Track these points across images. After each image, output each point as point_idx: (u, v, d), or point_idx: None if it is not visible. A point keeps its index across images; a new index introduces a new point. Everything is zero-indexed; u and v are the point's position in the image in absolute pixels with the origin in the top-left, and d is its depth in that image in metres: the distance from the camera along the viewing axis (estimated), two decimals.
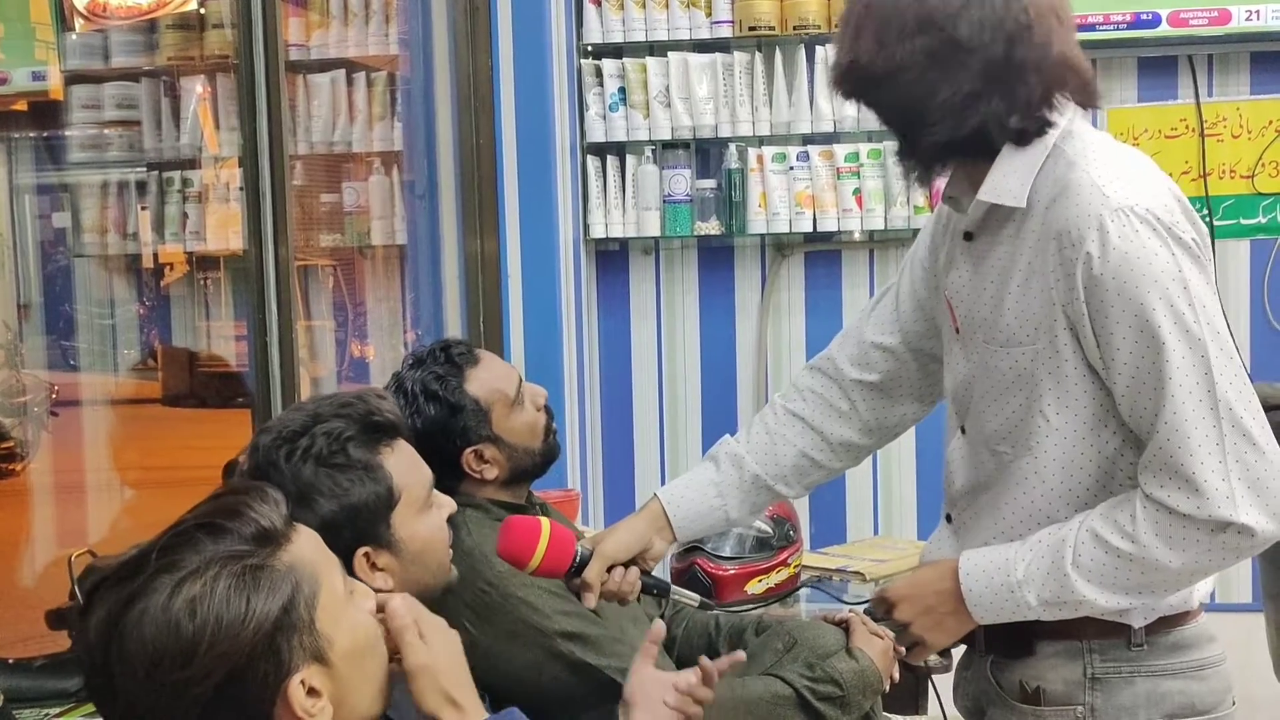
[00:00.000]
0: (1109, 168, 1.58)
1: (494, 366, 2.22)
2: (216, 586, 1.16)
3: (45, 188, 5.24)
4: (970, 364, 1.69)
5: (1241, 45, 4.01)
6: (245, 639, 1.16)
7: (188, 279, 5.18)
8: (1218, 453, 1.51)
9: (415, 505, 1.66)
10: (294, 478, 1.60)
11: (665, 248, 4.28)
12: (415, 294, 4.05)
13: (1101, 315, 1.53)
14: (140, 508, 4.63)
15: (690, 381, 4.31)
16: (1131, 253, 1.51)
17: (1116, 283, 1.52)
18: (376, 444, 1.64)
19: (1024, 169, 1.61)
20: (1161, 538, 1.54)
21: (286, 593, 1.20)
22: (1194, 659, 1.67)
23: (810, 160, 4.06)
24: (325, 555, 1.28)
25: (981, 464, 1.70)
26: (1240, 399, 1.52)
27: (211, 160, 4.20)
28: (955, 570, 1.66)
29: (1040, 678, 1.68)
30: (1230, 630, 2.18)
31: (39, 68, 4.56)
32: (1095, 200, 1.54)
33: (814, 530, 3.91)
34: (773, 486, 1.87)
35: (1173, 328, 1.51)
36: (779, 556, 2.78)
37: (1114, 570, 1.56)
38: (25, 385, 4.98)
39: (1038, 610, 1.61)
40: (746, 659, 2.20)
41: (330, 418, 1.64)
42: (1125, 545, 1.55)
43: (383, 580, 1.62)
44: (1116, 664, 1.65)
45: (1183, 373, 1.51)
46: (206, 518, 1.23)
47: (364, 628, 1.29)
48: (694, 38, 4.10)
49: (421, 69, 3.87)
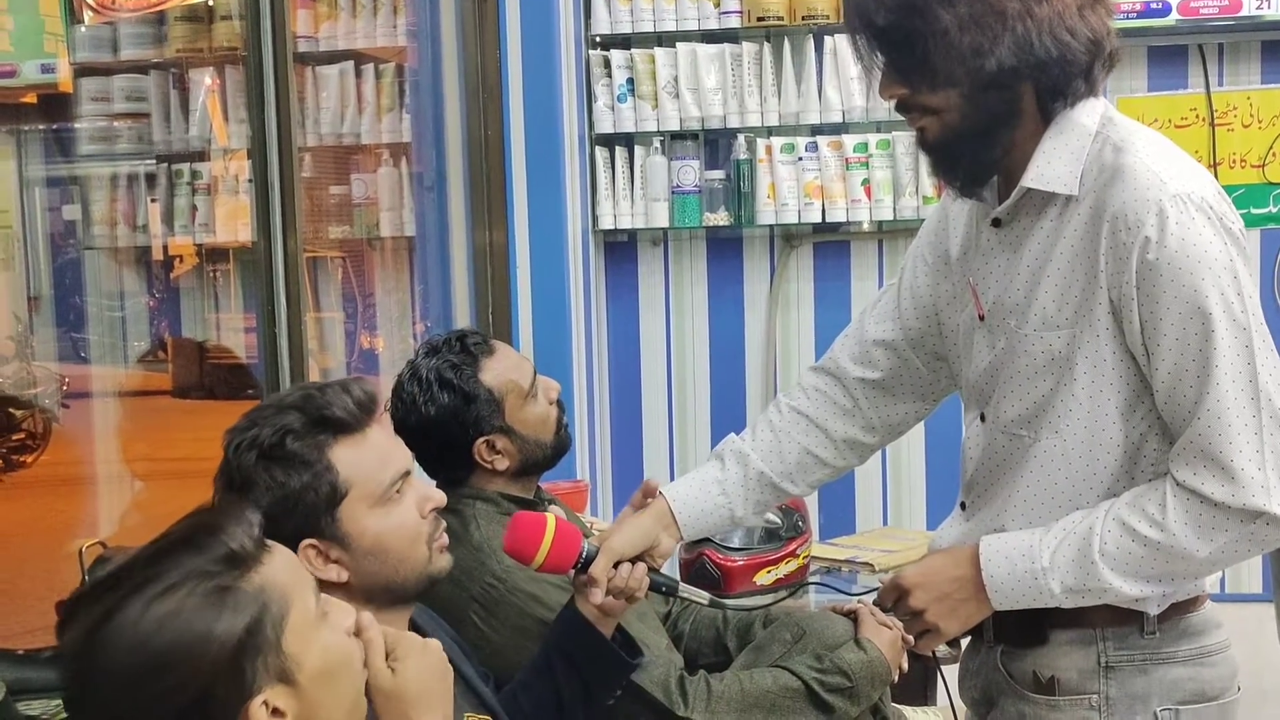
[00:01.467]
0: (1161, 155, 1.59)
1: (509, 357, 2.22)
2: (185, 606, 1.17)
3: (55, 180, 5.25)
4: (995, 350, 1.69)
5: (1252, 34, 3.99)
6: (209, 659, 1.17)
7: (197, 271, 5.19)
8: (1255, 441, 1.52)
9: (370, 499, 1.63)
10: (239, 468, 1.61)
11: (674, 239, 4.28)
12: (424, 285, 4.06)
13: (1152, 300, 1.54)
14: (150, 499, 4.64)
15: (699, 372, 4.31)
16: (1189, 239, 1.52)
17: (1171, 269, 1.52)
18: (319, 439, 1.62)
19: (1069, 156, 1.61)
20: (1191, 525, 1.55)
21: (253, 613, 1.20)
22: (1203, 645, 1.68)
23: (819, 151, 4.05)
24: (298, 576, 1.28)
25: (999, 449, 1.70)
26: (1279, 389, 1.54)
27: (220, 152, 4.20)
28: (973, 556, 1.66)
29: (1054, 666, 1.68)
30: (1240, 620, 2.18)
31: (48, 60, 4.56)
32: (1154, 185, 1.55)
33: (823, 521, 3.91)
34: (778, 484, 1.87)
35: (1222, 315, 1.52)
36: (788, 547, 2.78)
37: (1140, 559, 1.57)
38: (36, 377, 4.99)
39: (1060, 598, 1.61)
40: (754, 651, 2.21)
41: (289, 409, 1.63)
42: (1154, 533, 1.56)
43: (335, 573, 1.61)
44: (1130, 652, 1.66)
45: (1228, 361, 1.53)
46: (180, 537, 1.24)
47: (336, 649, 1.28)
48: (702, 28, 4.10)
49: (430, 60, 3.87)
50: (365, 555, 1.62)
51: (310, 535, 1.60)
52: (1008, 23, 1.54)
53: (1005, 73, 1.56)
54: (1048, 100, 1.61)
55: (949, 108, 1.60)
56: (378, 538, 1.63)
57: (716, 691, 2.05)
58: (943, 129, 1.62)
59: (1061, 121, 1.62)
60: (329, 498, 1.60)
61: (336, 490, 1.61)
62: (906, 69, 1.60)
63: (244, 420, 1.66)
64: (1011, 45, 1.55)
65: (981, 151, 1.63)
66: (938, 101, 1.60)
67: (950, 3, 1.54)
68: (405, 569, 1.66)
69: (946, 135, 1.62)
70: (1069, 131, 1.61)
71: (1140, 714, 1.66)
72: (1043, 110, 1.62)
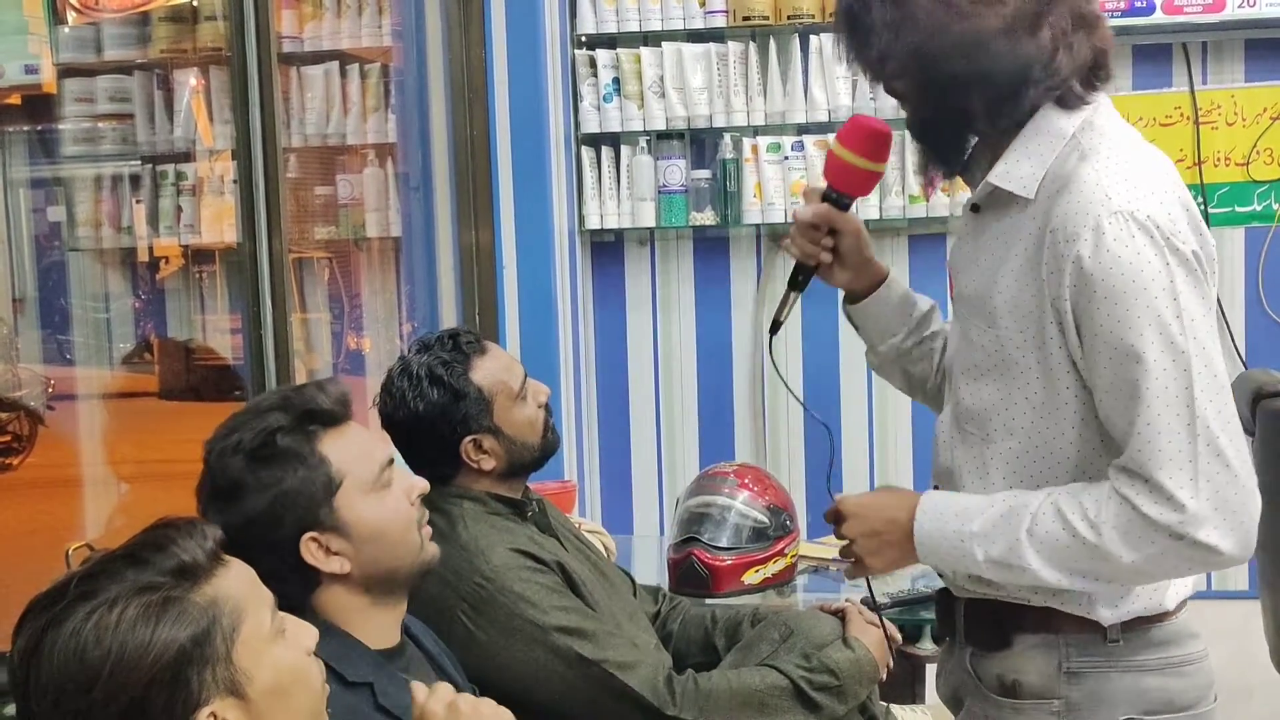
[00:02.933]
0: (1120, 168, 1.56)
1: (500, 358, 2.22)
2: (124, 616, 1.18)
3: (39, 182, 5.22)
4: (956, 339, 1.70)
5: (1236, 32, 4.01)
6: (145, 668, 1.17)
7: (183, 272, 5.17)
8: (1190, 469, 1.49)
9: (363, 487, 1.65)
10: (223, 473, 1.61)
11: (660, 238, 4.28)
12: (411, 286, 4.05)
13: (1087, 316, 1.52)
14: (137, 501, 4.62)
15: (686, 372, 4.31)
16: (1124, 257, 1.50)
17: (1105, 286, 1.50)
18: (308, 431, 1.64)
19: (1037, 157, 1.60)
20: (1120, 531, 1.52)
21: (201, 625, 1.21)
22: (1174, 655, 1.66)
23: (805, 150, 4.06)
24: (255, 592, 1.29)
25: (957, 444, 1.70)
26: (1219, 419, 1.50)
27: (205, 153, 4.19)
28: (913, 505, 1.66)
29: (1017, 670, 1.68)
30: (1227, 617, 2.19)
31: (32, 61, 4.54)
32: (1096, 199, 1.52)
33: (810, 520, 3.91)
34: None
35: (1156, 338, 1.49)
36: (776, 546, 2.79)
37: (1066, 549, 1.55)
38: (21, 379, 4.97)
39: (982, 567, 1.60)
40: (743, 650, 2.22)
41: (269, 410, 1.65)
42: (1084, 529, 1.54)
43: (339, 564, 1.63)
44: (1092, 658, 1.64)
45: (1162, 384, 1.49)
46: (131, 549, 1.25)
47: (291, 666, 1.29)
48: (688, 27, 4.10)
49: (415, 60, 3.87)
50: (365, 543, 1.64)
51: (310, 528, 1.61)
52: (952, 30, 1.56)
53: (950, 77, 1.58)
54: (997, 107, 1.60)
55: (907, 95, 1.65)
56: (375, 524, 1.65)
57: (704, 690, 2.05)
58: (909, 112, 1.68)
59: (1038, 122, 1.61)
60: (326, 488, 1.62)
61: (332, 480, 1.63)
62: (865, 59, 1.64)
63: (222, 428, 1.67)
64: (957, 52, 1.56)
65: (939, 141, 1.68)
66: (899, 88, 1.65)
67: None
68: (403, 555, 1.68)
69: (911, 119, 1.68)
70: (1043, 134, 1.60)
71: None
72: (991, 117, 1.62)
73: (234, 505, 1.59)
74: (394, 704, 1.59)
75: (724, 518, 2.76)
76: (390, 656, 1.67)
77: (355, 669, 1.59)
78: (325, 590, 1.64)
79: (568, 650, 2.01)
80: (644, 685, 2.02)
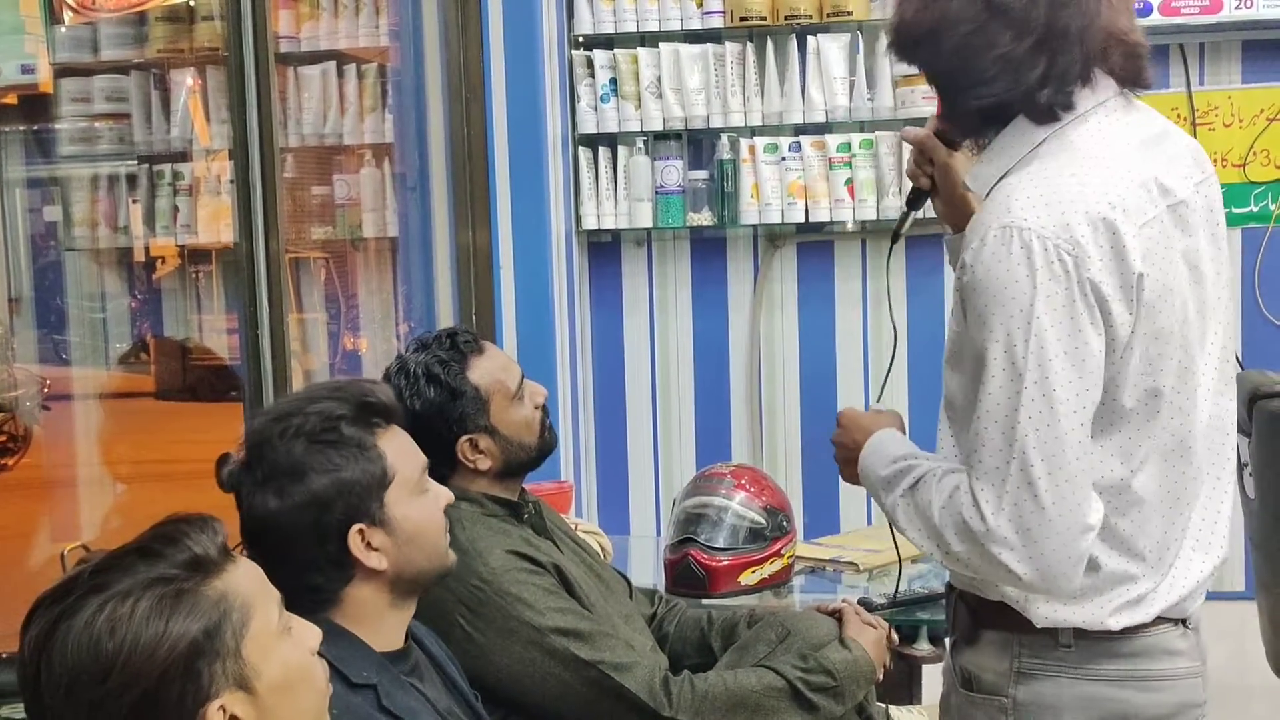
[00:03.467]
0: (1043, 182, 1.54)
1: (497, 358, 2.22)
2: (138, 608, 1.20)
3: (35, 181, 5.21)
4: None
5: (1233, 34, 4.01)
6: (159, 659, 1.18)
7: (179, 272, 5.17)
8: (999, 488, 1.52)
9: (408, 488, 1.68)
10: (287, 454, 1.62)
11: (657, 239, 4.28)
12: (407, 286, 4.05)
13: (966, 321, 1.57)
14: (133, 502, 4.61)
15: (683, 372, 4.31)
16: (994, 270, 1.51)
17: (973, 294, 1.53)
18: (370, 424, 1.67)
19: (999, 161, 1.63)
20: (952, 520, 1.57)
21: (212, 618, 1.22)
22: (1139, 669, 1.63)
23: (802, 150, 4.06)
24: (264, 588, 1.30)
25: (944, 427, 1.73)
26: (1040, 448, 1.50)
27: (202, 153, 4.19)
28: (873, 434, 1.74)
29: (977, 665, 1.70)
30: (1223, 619, 2.18)
31: (28, 61, 4.54)
32: (998, 211, 1.54)
33: (807, 521, 3.91)
34: None
35: (1001, 355, 1.50)
36: (772, 547, 2.78)
37: (920, 519, 1.61)
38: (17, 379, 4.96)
39: (884, 504, 1.68)
40: (739, 651, 2.21)
41: (324, 399, 1.67)
42: (935, 507, 1.58)
43: (377, 560, 1.64)
44: (1043, 661, 1.65)
45: (994, 400, 1.52)
46: (143, 543, 1.26)
47: (298, 663, 1.30)
48: (685, 28, 4.10)
49: (412, 61, 3.86)
50: (405, 542, 1.66)
51: (360, 520, 1.63)
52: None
53: None
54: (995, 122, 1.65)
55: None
56: (418, 525, 1.68)
57: (701, 692, 2.05)
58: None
59: (1014, 126, 1.62)
60: (379, 481, 1.65)
61: (385, 474, 1.65)
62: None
63: (271, 413, 1.69)
64: None
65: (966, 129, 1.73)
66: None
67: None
68: (432, 559, 1.72)
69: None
70: (1014, 138, 1.62)
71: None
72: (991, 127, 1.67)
73: (294, 485, 1.61)
74: (397, 706, 1.60)
75: (721, 518, 2.76)
76: (395, 660, 1.67)
77: (360, 670, 1.59)
78: (355, 586, 1.65)
79: (564, 652, 2.01)
80: (640, 686, 2.02)
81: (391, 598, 1.67)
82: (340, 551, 1.62)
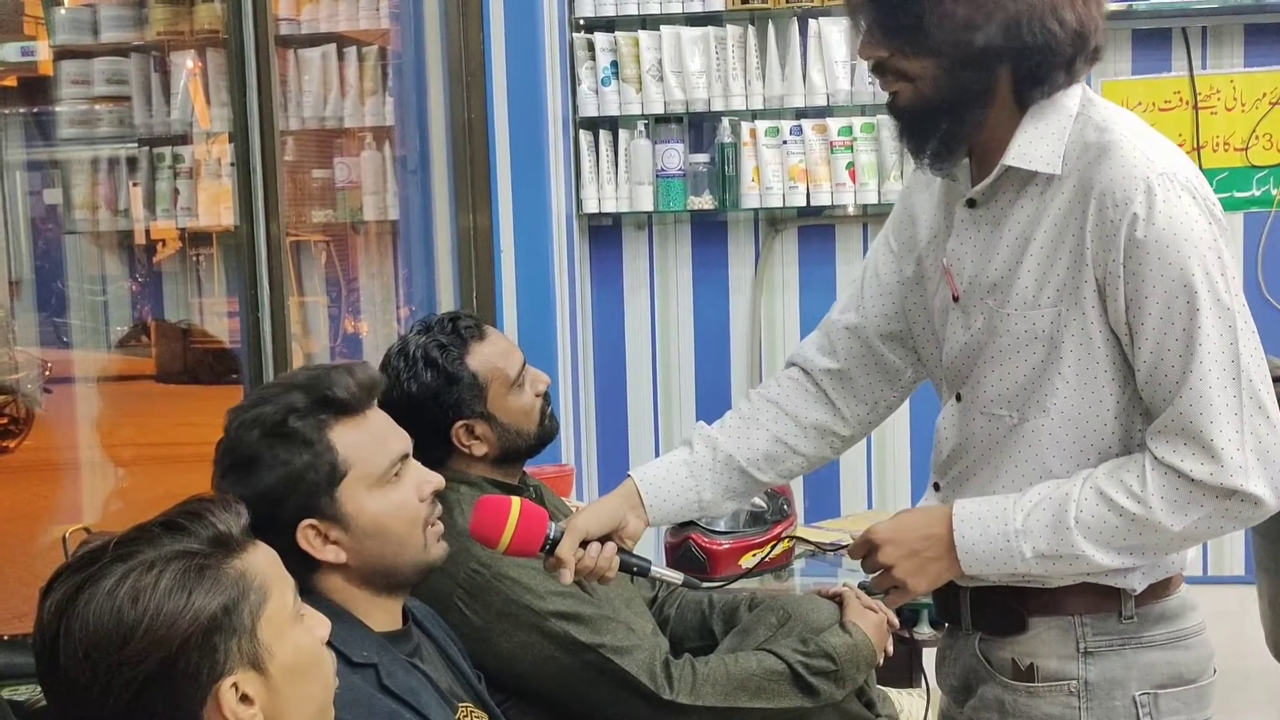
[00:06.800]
0: (1146, 135, 1.60)
1: (498, 344, 2.21)
2: (162, 579, 1.21)
3: (36, 164, 5.21)
4: (972, 330, 1.69)
5: (1236, 17, 4.00)
6: (180, 630, 1.20)
7: (180, 255, 5.17)
8: (1235, 422, 1.53)
9: (367, 481, 1.64)
10: (244, 445, 1.63)
11: (658, 222, 4.27)
12: (408, 269, 4.05)
13: (1138, 278, 1.54)
14: (134, 485, 4.62)
15: (684, 356, 4.31)
16: (1176, 217, 1.53)
17: (1159, 246, 1.53)
18: (321, 419, 1.64)
19: (1051, 136, 1.61)
20: (1168, 500, 1.55)
21: (232, 595, 1.24)
22: (1178, 629, 1.68)
23: (803, 134, 4.05)
24: (280, 573, 1.32)
25: (977, 429, 1.70)
26: (1259, 372, 1.55)
27: (203, 136, 4.18)
28: (946, 516, 1.65)
29: (1033, 654, 1.68)
30: (1223, 602, 2.19)
31: (28, 43, 4.53)
32: (1141, 163, 1.55)
33: (808, 504, 3.92)
34: (746, 470, 1.86)
35: (1207, 295, 1.53)
36: (773, 531, 2.79)
37: (1115, 529, 1.58)
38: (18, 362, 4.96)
39: (1031, 563, 1.61)
40: (740, 634, 2.22)
41: (294, 388, 1.65)
42: (1130, 505, 1.56)
43: (333, 554, 1.62)
44: (1108, 637, 1.66)
45: (1212, 340, 1.53)
46: (169, 518, 1.28)
47: (309, 650, 1.31)
48: (686, 11, 4.09)
49: (413, 43, 3.85)
50: (365, 536, 1.64)
51: (310, 515, 1.62)
52: (1002, 1, 1.54)
53: (989, 51, 1.56)
54: (1026, 87, 1.60)
55: (924, 76, 1.60)
56: (376, 518, 1.65)
57: (701, 675, 2.05)
58: (915, 97, 1.62)
59: (1043, 103, 1.62)
60: (329, 477, 1.62)
61: (335, 469, 1.63)
62: (894, 30, 1.59)
63: (250, 398, 1.69)
64: (1002, 23, 1.55)
65: (950, 126, 1.62)
66: (915, 68, 1.60)
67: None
68: (404, 553, 1.67)
69: (917, 104, 1.62)
70: (1050, 112, 1.61)
71: (1119, 698, 1.66)
72: (1018, 96, 1.61)
73: (248, 478, 1.60)
74: (398, 686, 1.60)
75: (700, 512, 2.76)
76: (395, 640, 1.67)
77: (360, 650, 1.59)
78: (323, 576, 1.64)
79: (564, 635, 2.01)
80: (641, 670, 2.02)
81: (369, 590, 1.66)
82: (295, 544, 1.61)
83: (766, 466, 1.86)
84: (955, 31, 1.55)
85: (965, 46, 1.56)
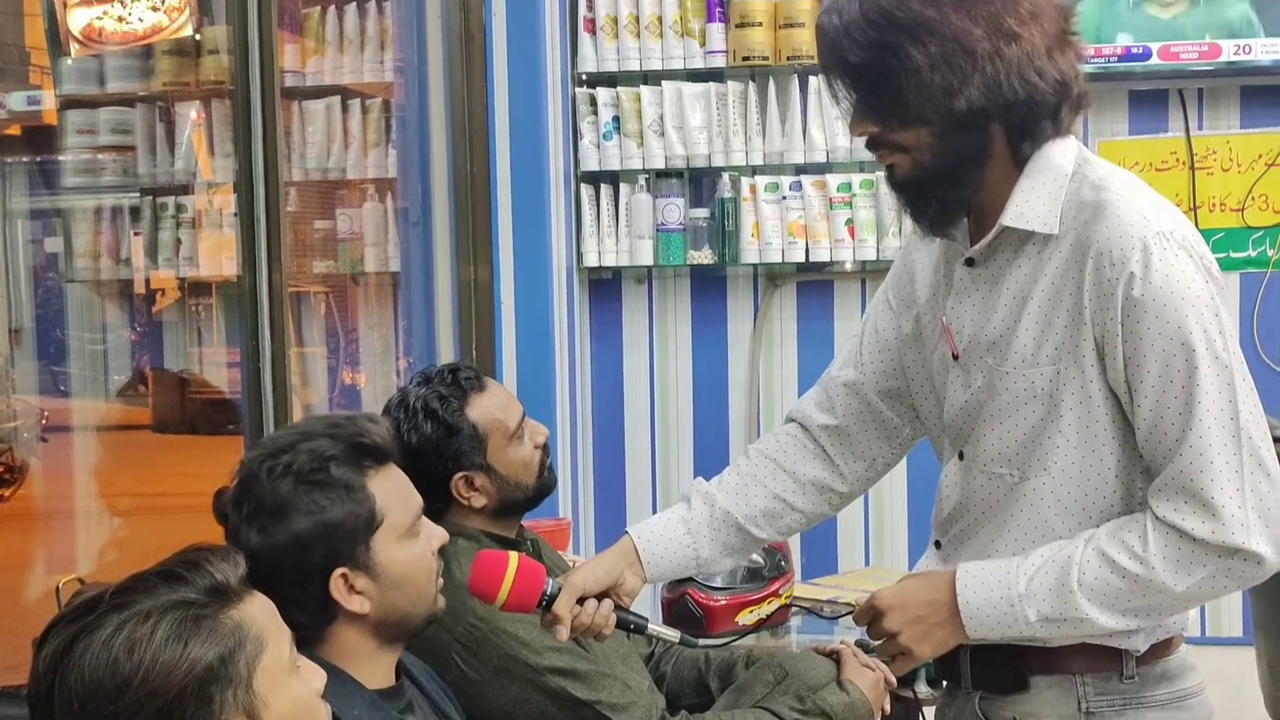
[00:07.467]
0: (1142, 193, 1.61)
1: (498, 396, 2.22)
2: (158, 629, 1.21)
3: (39, 212, 5.23)
4: (972, 389, 1.69)
5: (1232, 79, 4.03)
6: (175, 681, 1.20)
7: (180, 305, 5.18)
8: (1236, 480, 1.54)
9: (398, 531, 1.65)
10: (272, 492, 1.61)
11: (658, 277, 4.29)
12: (408, 321, 4.05)
13: (1136, 336, 1.55)
14: (130, 535, 4.60)
15: (682, 411, 4.31)
16: (1173, 276, 1.54)
17: (1156, 305, 1.54)
18: (361, 466, 1.64)
19: (1047, 195, 1.62)
20: (1170, 561, 1.55)
21: (228, 646, 1.24)
22: (1179, 689, 1.68)
23: (803, 190, 4.07)
24: (277, 624, 1.31)
25: (979, 487, 1.70)
26: (1259, 429, 1.56)
27: (206, 186, 4.20)
28: (950, 581, 1.65)
29: (1034, 713, 1.68)
30: (1221, 664, 2.18)
31: (34, 92, 4.57)
32: (1137, 222, 1.56)
33: (805, 561, 3.90)
34: (744, 526, 1.86)
35: (1205, 353, 1.54)
36: (770, 587, 2.78)
37: (1119, 591, 1.57)
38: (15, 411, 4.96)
39: (1035, 626, 1.61)
40: (736, 692, 2.20)
41: (318, 436, 1.65)
42: (1133, 566, 1.56)
43: (359, 604, 1.62)
44: (1110, 696, 1.66)
45: (1211, 398, 1.54)
46: (166, 567, 1.28)
47: (304, 702, 1.31)
48: (688, 67, 4.12)
49: (416, 96, 3.88)
50: (391, 587, 1.64)
51: (343, 563, 1.61)
52: (978, 63, 1.55)
53: (975, 112, 1.58)
54: (1016, 140, 1.62)
55: (919, 145, 1.62)
56: (404, 570, 1.65)
57: None
58: (913, 166, 1.64)
59: (1038, 161, 1.63)
60: (366, 525, 1.62)
61: (374, 518, 1.63)
62: (878, 106, 1.62)
63: (264, 447, 1.67)
64: (981, 85, 1.56)
65: (951, 190, 1.64)
66: (908, 139, 1.62)
67: (922, 42, 1.55)
68: (419, 605, 1.68)
69: (916, 173, 1.64)
70: (1046, 171, 1.62)
71: None
72: (1013, 151, 1.63)
73: (277, 525, 1.59)
74: None
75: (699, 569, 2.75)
76: (387, 697, 1.66)
77: (351, 710, 1.58)
78: (339, 626, 1.63)
79: (561, 691, 2.00)
80: None
81: (377, 640, 1.66)
82: (322, 593, 1.60)
83: (765, 523, 1.86)
84: (936, 99, 1.57)
85: (951, 112, 1.58)
